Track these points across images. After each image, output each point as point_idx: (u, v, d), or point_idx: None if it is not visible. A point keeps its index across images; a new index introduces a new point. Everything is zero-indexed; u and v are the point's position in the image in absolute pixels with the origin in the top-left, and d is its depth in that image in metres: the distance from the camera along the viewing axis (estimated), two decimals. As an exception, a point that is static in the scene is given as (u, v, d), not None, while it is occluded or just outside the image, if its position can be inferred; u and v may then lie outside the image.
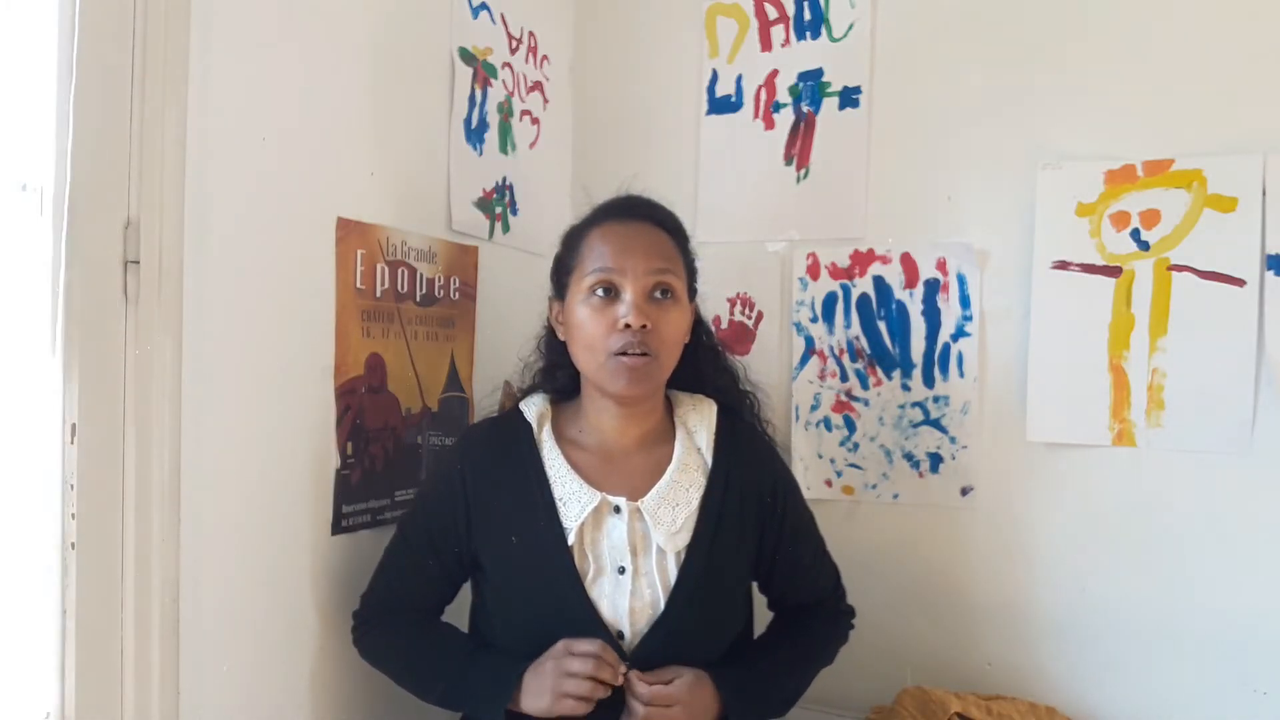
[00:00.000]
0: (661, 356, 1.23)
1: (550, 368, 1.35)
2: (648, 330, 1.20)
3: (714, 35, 1.86)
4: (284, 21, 1.26)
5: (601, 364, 1.22)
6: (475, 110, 1.65)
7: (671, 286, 1.25)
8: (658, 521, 1.23)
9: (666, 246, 1.27)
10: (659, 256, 1.25)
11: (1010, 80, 1.63)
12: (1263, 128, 1.47)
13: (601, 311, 1.22)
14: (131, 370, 1.07)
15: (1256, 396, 1.48)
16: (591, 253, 1.25)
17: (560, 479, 1.25)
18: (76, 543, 1.02)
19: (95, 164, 1.03)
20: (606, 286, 1.23)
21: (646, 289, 1.23)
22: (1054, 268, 1.59)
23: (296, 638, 1.32)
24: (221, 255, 1.17)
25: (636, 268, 1.22)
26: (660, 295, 1.24)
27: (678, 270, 1.27)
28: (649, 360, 1.21)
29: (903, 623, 1.70)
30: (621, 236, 1.25)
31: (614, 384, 1.22)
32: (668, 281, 1.24)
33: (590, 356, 1.24)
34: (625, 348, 1.20)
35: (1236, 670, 1.51)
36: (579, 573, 1.21)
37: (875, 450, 1.74)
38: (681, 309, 1.27)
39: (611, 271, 1.22)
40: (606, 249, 1.24)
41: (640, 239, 1.25)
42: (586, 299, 1.23)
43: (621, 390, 1.22)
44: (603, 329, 1.21)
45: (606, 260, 1.23)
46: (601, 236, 1.26)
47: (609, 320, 1.21)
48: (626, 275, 1.22)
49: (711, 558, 1.24)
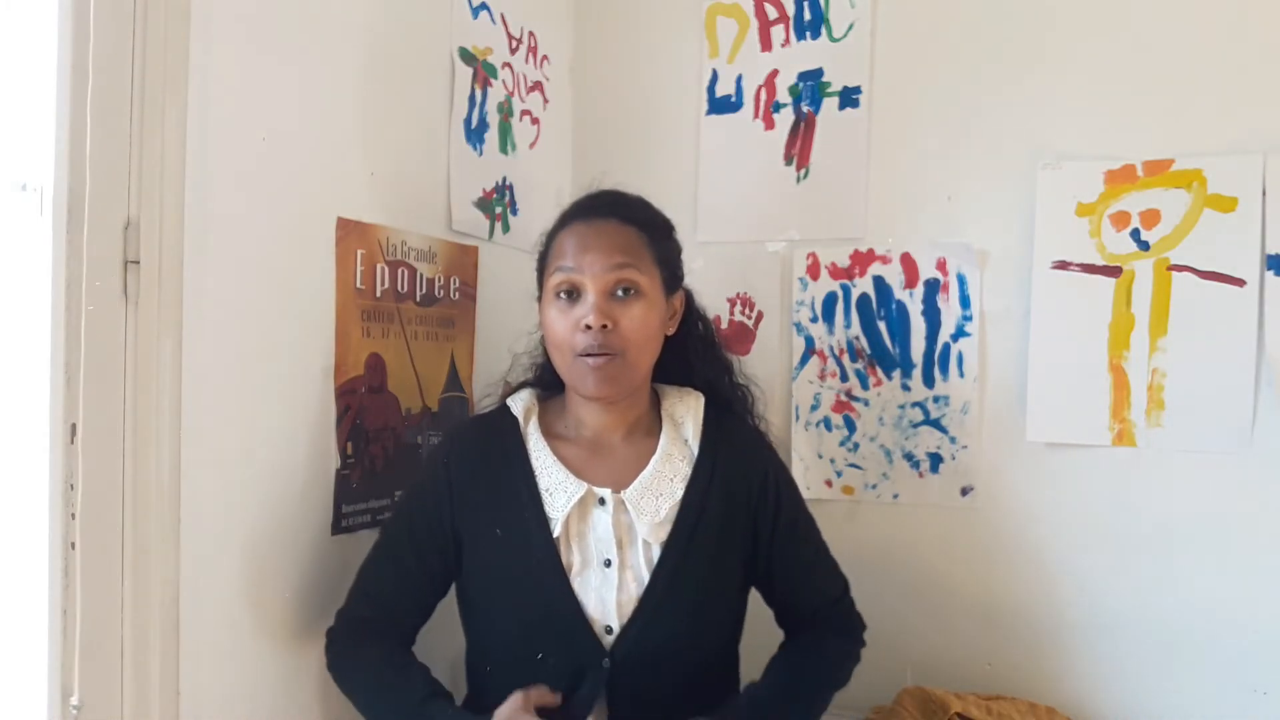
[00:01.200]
0: (629, 354, 1.22)
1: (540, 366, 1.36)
2: (609, 329, 1.20)
3: (714, 35, 1.86)
4: (284, 21, 1.26)
5: (569, 365, 1.23)
6: (475, 110, 1.65)
7: (634, 282, 1.23)
8: (640, 512, 1.23)
9: (630, 241, 1.25)
10: (619, 252, 1.23)
11: (1010, 80, 1.64)
12: (1263, 128, 1.48)
13: (565, 313, 1.22)
14: (131, 370, 1.07)
15: (1256, 396, 1.48)
16: (556, 253, 1.26)
17: (546, 470, 1.25)
18: (76, 543, 1.02)
19: (95, 164, 1.03)
20: (569, 288, 1.23)
21: (607, 287, 1.22)
22: (1054, 268, 1.60)
23: (296, 638, 1.31)
24: (221, 255, 1.17)
25: (595, 266, 1.21)
26: (623, 293, 1.22)
27: (643, 264, 1.24)
28: (613, 360, 1.21)
29: (903, 623, 1.69)
30: (583, 235, 1.25)
31: (582, 386, 1.23)
32: (629, 277, 1.22)
33: (559, 357, 1.24)
34: (588, 349, 1.20)
35: (1236, 670, 1.51)
36: (564, 566, 1.21)
37: (875, 450, 1.74)
38: (648, 304, 1.24)
39: (571, 271, 1.22)
40: (568, 248, 1.24)
41: (601, 237, 1.24)
42: (553, 300, 1.24)
43: (590, 392, 1.23)
44: (567, 330, 1.21)
45: (567, 260, 1.23)
46: (566, 236, 1.26)
47: (572, 321, 1.21)
48: (585, 274, 1.22)
49: (693, 547, 1.23)
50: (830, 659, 1.33)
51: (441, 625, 1.34)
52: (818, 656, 1.32)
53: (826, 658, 1.33)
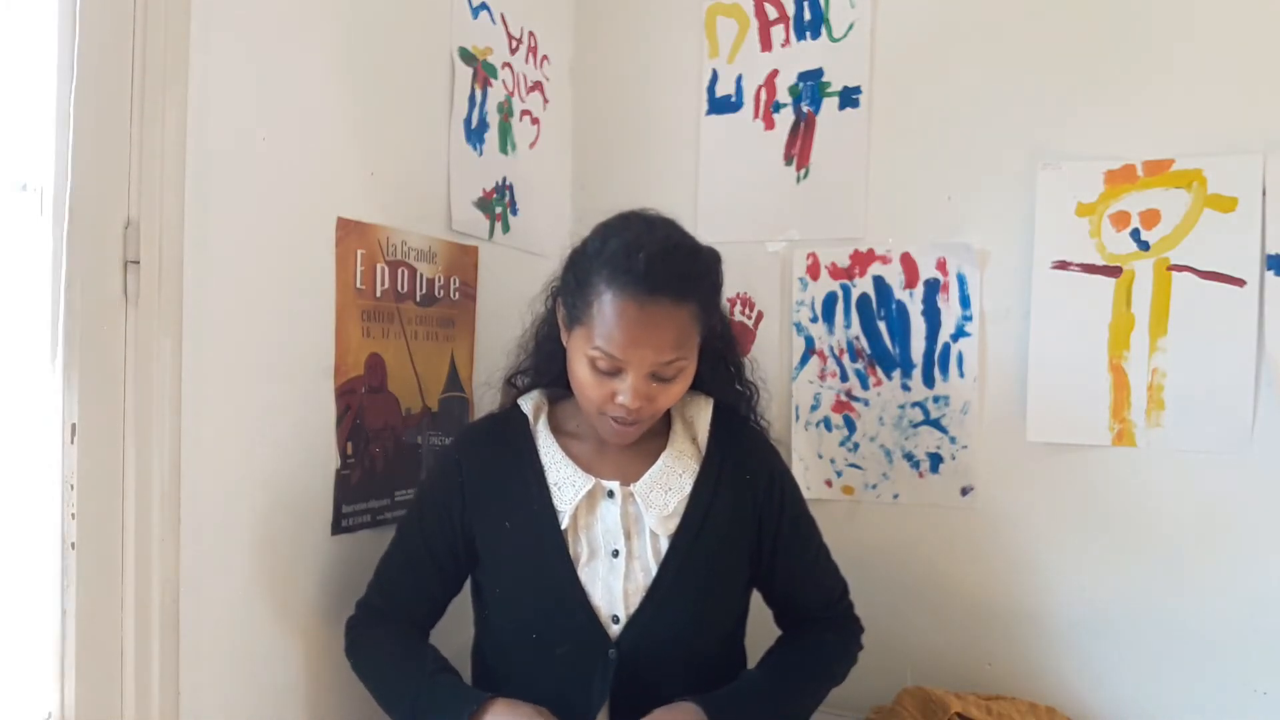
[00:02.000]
0: (657, 414, 1.24)
1: (549, 358, 1.33)
2: (644, 407, 1.20)
3: (714, 35, 1.86)
4: (284, 21, 1.26)
5: (594, 415, 1.24)
6: (475, 110, 1.65)
7: (680, 368, 1.21)
8: (649, 504, 1.24)
9: (683, 328, 1.18)
10: (670, 348, 1.17)
11: (1010, 80, 1.63)
12: (1263, 128, 1.47)
13: (601, 380, 1.19)
14: (131, 370, 1.07)
15: (1256, 396, 1.48)
16: (599, 322, 1.16)
17: (555, 465, 1.27)
18: (76, 543, 1.02)
19: (95, 164, 1.03)
20: (609, 367, 1.18)
21: (650, 372, 1.19)
22: (1054, 268, 1.59)
23: (297, 638, 1.32)
24: (221, 255, 1.17)
25: (644, 360, 1.17)
26: (665, 378, 1.21)
27: (690, 346, 1.21)
28: (641, 425, 1.23)
29: (903, 623, 1.69)
30: (633, 326, 1.15)
31: (603, 433, 1.25)
32: (676, 367, 1.20)
33: (583, 402, 1.24)
34: (618, 418, 1.21)
35: (1236, 670, 1.51)
36: (571, 556, 1.22)
37: (875, 450, 1.74)
38: (686, 374, 1.23)
39: (616, 360, 1.17)
40: (617, 335, 1.15)
41: (655, 330, 1.16)
42: (588, 362, 1.19)
43: (610, 442, 1.26)
44: (599, 395, 1.20)
45: (613, 349, 1.16)
46: (615, 312, 1.15)
47: (606, 390, 1.19)
48: (631, 364, 1.17)
49: (701, 539, 1.24)
50: (826, 654, 1.34)
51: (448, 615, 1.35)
52: (814, 650, 1.34)
53: (822, 652, 1.34)
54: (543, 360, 1.35)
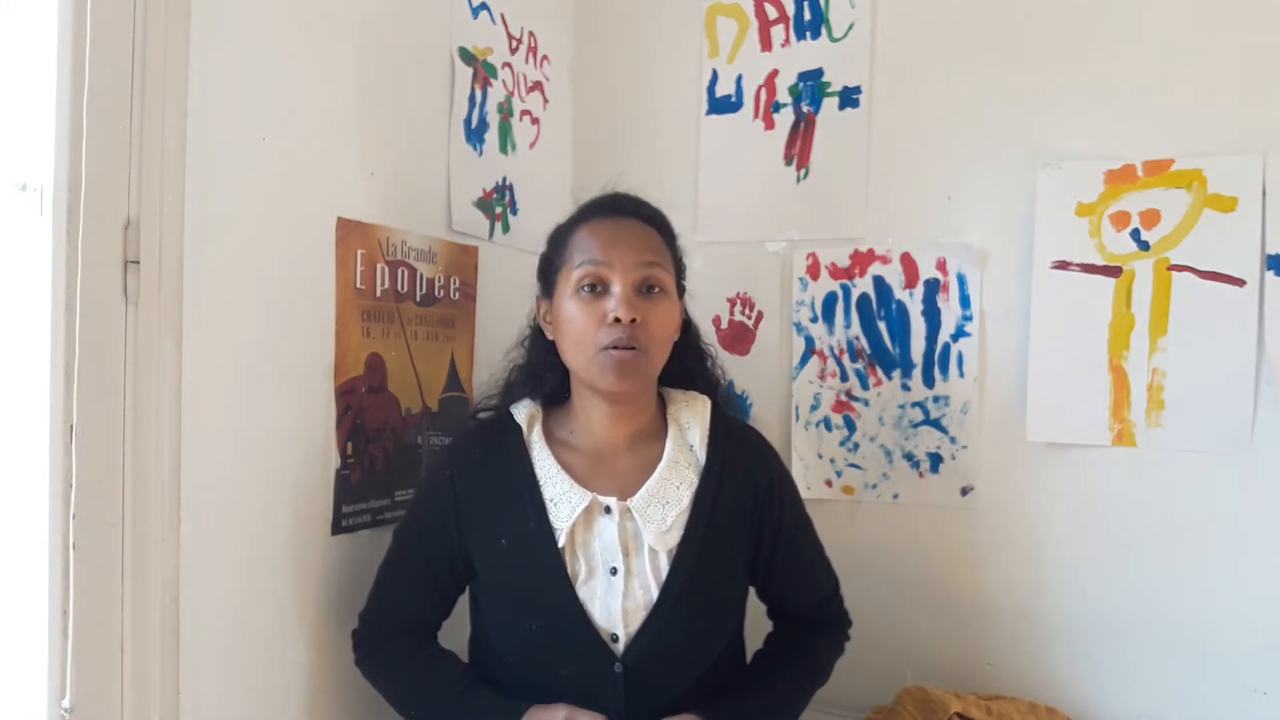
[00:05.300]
0: (651, 351, 1.23)
1: (538, 368, 1.34)
2: (637, 324, 1.20)
3: (714, 35, 1.86)
4: (284, 21, 1.26)
5: (591, 359, 1.21)
6: (475, 110, 1.65)
7: (660, 281, 1.24)
8: (647, 520, 1.22)
9: (655, 241, 1.27)
10: (648, 250, 1.25)
11: (1010, 80, 1.64)
12: (1263, 128, 1.47)
13: (590, 306, 1.22)
14: (131, 370, 1.07)
15: (1256, 396, 1.48)
16: (579, 247, 1.25)
17: (550, 480, 1.25)
18: (76, 543, 1.02)
19: (95, 164, 1.03)
20: (594, 281, 1.22)
21: (635, 283, 1.22)
22: (1054, 268, 1.59)
23: (297, 638, 1.32)
24: (221, 255, 1.17)
25: (625, 260, 1.22)
26: (649, 290, 1.23)
27: (666, 265, 1.27)
28: (638, 354, 1.21)
29: (903, 622, 1.69)
30: (609, 231, 1.25)
31: (603, 379, 1.21)
32: (656, 275, 1.24)
33: (579, 352, 1.23)
34: (614, 342, 1.19)
35: (1236, 670, 1.51)
36: (569, 574, 1.21)
37: (875, 450, 1.74)
38: (671, 303, 1.26)
39: (600, 264, 1.22)
40: (594, 243, 1.24)
41: (628, 233, 1.25)
42: (575, 294, 1.23)
43: (611, 385, 1.21)
44: (592, 323, 1.21)
45: (595, 253, 1.23)
46: (589, 232, 1.26)
47: (598, 315, 1.21)
48: (615, 269, 1.22)
49: (703, 555, 1.23)
50: (820, 661, 1.37)
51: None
52: (809, 659, 1.36)
53: (816, 659, 1.36)
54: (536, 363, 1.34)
